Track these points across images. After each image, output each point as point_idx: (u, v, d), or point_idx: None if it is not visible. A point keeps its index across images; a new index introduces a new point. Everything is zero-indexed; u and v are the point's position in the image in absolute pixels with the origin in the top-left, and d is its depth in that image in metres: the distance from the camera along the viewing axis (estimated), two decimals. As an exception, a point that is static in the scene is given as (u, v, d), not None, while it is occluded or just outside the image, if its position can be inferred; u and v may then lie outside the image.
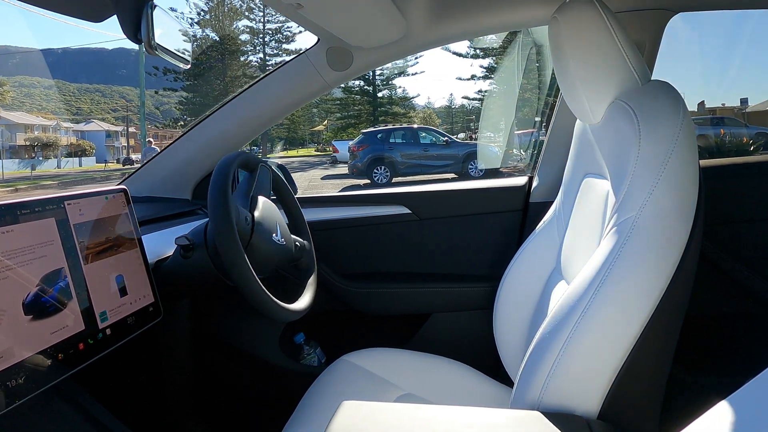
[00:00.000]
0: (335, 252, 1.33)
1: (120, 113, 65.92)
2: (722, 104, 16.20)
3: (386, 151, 10.84)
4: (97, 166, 30.74)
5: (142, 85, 23.51)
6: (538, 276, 0.97)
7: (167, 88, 26.49)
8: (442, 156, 11.05)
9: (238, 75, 25.48)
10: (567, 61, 0.77)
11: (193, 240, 0.84)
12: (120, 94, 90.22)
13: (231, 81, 25.17)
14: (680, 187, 0.63)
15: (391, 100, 26.50)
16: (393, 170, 10.76)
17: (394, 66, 26.18)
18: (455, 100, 43.95)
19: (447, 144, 11.42)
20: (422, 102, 40.82)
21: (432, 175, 10.88)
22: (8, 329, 0.55)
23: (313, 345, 1.29)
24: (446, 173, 10.99)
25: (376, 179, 10.65)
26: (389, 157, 10.78)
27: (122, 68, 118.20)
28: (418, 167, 10.91)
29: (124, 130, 45.45)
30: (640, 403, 0.67)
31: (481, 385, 0.98)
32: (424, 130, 12.08)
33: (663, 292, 0.61)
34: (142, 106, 23.88)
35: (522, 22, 1.18)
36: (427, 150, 11.11)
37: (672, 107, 0.66)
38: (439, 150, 11.17)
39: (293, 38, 26.98)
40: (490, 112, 13.27)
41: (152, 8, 0.78)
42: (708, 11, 1.16)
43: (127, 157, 32.59)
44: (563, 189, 0.97)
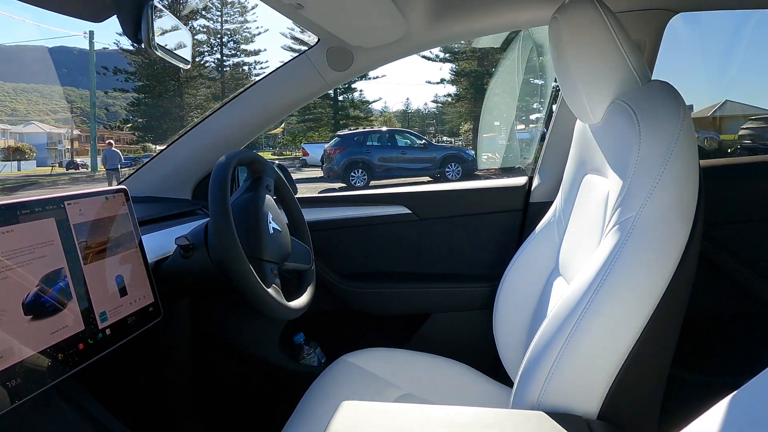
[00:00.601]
0: (335, 252, 1.33)
1: (61, 115, 62.84)
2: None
3: (363, 154, 10.59)
4: (38, 170, 27.41)
5: (92, 86, 22.66)
6: (538, 276, 0.97)
7: (118, 88, 25.24)
8: (419, 159, 10.92)
9: (194, 76, 24.52)
10: (567, 61, 0.77)
11: (193, 240, 0.84)
12: (60, 95, 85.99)
13: (186, 82, 24.24)
14: (680, 186, 0.63)
15: (352, 104, 25.84)
16: (370, 173, 10.53)
17: None
18: (411, 104, 43.49)
19: (424, 147, 11.30)
20: (379, 106, 40.64)
21: (409, 179, 10.69)
22: (8, 329, 0.55)
23: (313, 345, 1.29)
24: (424, 176, 10.88)
25: (353, 182, 10.40)
26: (366, 160, 10.55)
27: (63, 67, 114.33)
28: (395, 170, 10.73)
29: (68, 132, 43.61)
30: (640, 403, 0.67)
31: (481, 385, 0.98)
32: (402, 133, 11.91)
33: (663, 291, 0.61)
34: (93, 107, 23.03)
35: (522, 22, 1.18)
36: (404, 153, 10.92)
37: (672, 107, 0.66)
38: (416, 153, 11.02)
39: (252, 39, 26.41)
40: (451, 116, 13.34)
41: (152, 8, 0.78)
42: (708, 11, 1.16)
43: (71, 161, 29.49)
44: (563, 189, 0.97)
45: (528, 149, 12.60)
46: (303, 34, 25.72)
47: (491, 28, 1.20)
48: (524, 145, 13.31)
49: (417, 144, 11.34)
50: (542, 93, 14.65)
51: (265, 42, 41.83)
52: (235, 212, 0.80)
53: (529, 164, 8.24)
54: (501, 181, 1.37)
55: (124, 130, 27.23)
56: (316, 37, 1.14)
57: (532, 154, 12.13)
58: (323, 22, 0.99)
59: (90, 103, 23.66)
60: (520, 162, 11.62)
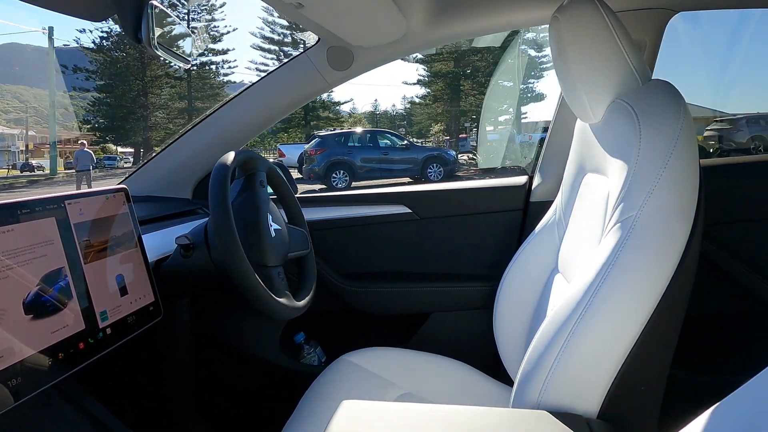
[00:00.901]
0: (335, 251, 1.33)
1: (14, 115, 59.83)
2: None
3: (345, 155, 10.35)
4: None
5: (51, 85, 21.16)
6: (538, 275, 0.97)
7: (77, 87, 24.24)
8: (401, 160, 10.73)
9: (159, 75, 23.55)
10: (567, 60, 0.77)
11: (193, 239, 0.85)
12: (12, 94, 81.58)
13: (151, 81, 23.27)
14: (680, 186, 0.63)
15: (323, 105, 25.37)
16: (352, 174, 10.31)
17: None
18: (380, 106, 42.80)
19: (406, 147, 11.10)
20: (348, 108, 40.51)
21: (391, 180, 10.50)
22: (9, 328, 0.55)
23: (313, 344, 1.29)
24: (406, 177, 10.73)
25: (334, 184, 10.17)
26: (348, 161, 10.32)
27: (15, 65, 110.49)
28: (377, 171, 10.51)
29: (21, 132, 41.71)
30: (640, 402, 0.67)
31: (481, 384, 0.98)
32: (383, 133, 11.69)
33: (663, 291, 0.61)
34: (53, 107, 21.93)
35: (522, 21, 1.18)
36: (386, 153, 10.70)
37: (672, 107, 0.66)
38: (398, 153, 10.81)
39: (220, 38, 25.60)
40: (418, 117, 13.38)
41: (153, 7, 0.78)
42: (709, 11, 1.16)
43: (26, 163, 28.50)
44: (563, 188, 0.97)
45: (501, 149, 12.67)
46: (273, 34, 25.60)
47: (491, 28, 1.20)
48: (495, 146, 13.48)
49: (399, 144, 11.14)
50: (512, 95, 14.59)
51: (233, 41, 40.99)
52: (235, 218, 0.80)
53: (510, 165, 8.14)
54: (501, 180, 1.37)
55: (82, 130, 25.96)
56: (316, 36, 1.14)
57: (510, 154, 12.20)
58: (323, 21, 0.99)
59: (50, 103, 22.01)
60: (502, 162, 11.83)
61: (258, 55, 24.45)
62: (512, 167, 10.51)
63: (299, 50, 12.32)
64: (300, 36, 25.48)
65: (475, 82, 21.63)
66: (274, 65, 29.62)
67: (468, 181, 1.44)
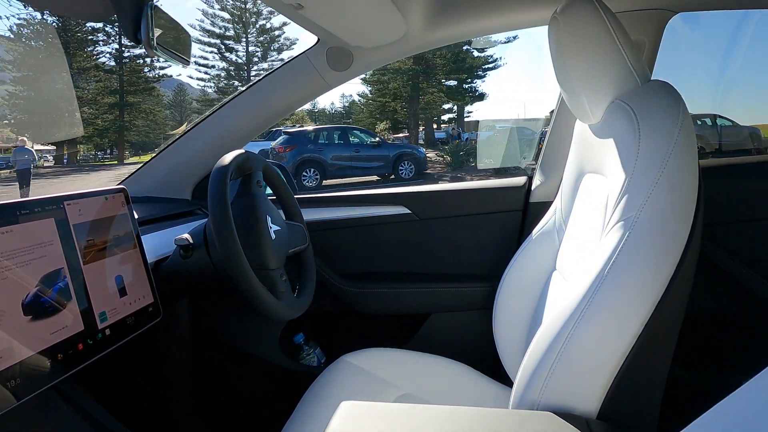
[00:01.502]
0: (335, 252, 1.33)
1: None
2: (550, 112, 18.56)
3: (315, 152, 9.98)
4: None
5: None
6: (538, 276, 0.97)
7: None
8: (372, 157, 10.46)
9: (88, 67, 21.74)
10: (567, 61, 0.77)
11: (192, 240, 0.84)
12: None
13: (78, 74, 21.50)
14: (680, 186, 0.63)
15: None
16: (323, 173, 10.01)
17: (271, 67, 23.23)
18: (318, 104, 41.21)
19: (378, 144, 10.83)
20: None
21: (362, 178, 10.43)
22: (8, 329, 0.55)
23: (313, 345, 1.29)
24: (377, 175, 10.59)
25: (304, 182, 9.83)
26: (319, 158, 9.96)
27: None
28: (348, 169, 10.26)
29: None
30: (640, 402, 0.67)
31: (481, 385, 0.98)
32: (353, 130, 11.40)
33: (662, 291, 0.61)
34: None
35: (522, 22, 1.18)
36: (357, 151, 10.43)
37: (671, 107, 0.66)
38: (369, 151, 10.52)
39: None
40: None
41: (152, 8, 0.78)
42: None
43: None
44: (563, 189, 0.97)
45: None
46: (214, 27, 24.37)
47: (491, 29, 1.20)
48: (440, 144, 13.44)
49: (370, 142, 10.87)
50: (456, 93, 14.56)
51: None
52: (235, 221, 0.80)
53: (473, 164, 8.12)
54: (501, 181, 1.37)
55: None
56: (316, 36, 1.14)
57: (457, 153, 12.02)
58: (323, 22, 0.99)
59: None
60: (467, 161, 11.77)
61: (197, 49, 24.39)
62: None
63: (242, 44, 11.73)
64: (248, 29, 24.61)
65: (426, 82, 20.71)
66: (215, 59, 24.44)
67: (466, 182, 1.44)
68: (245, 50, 25.48)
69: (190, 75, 28.67)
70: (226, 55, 25.51)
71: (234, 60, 25.72)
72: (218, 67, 25.71)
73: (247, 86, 1.23)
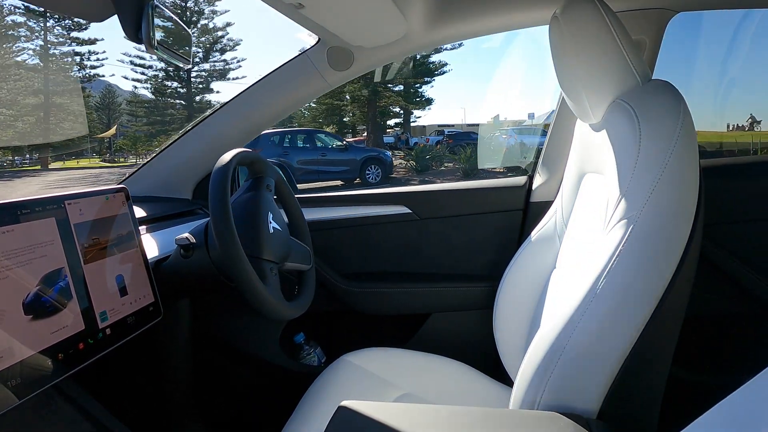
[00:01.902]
0: (335, 252, 1.33)
1: None
2: (505, 118, 18.75)
3: (282, 156, 9.62)
4: None
5: None
6: (538, 275, 0.97)
7: None
8: (339, 161, 10.22)
9: (7, 64, 19.59)
10: (567, 60, 0.77)
11: (193, 240, 0.84)
12: None
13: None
14: (680, 186, 0.63)
15: (210, 105, 22.76)
16: (288, 177, 9.53)
17: (213, 68, 23.19)
18: None
19: (344, 148, 10.58)
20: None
21: (329, 182, 10.18)
22: (8, 329, 0.55)
23: (313, 345, 1.29)
24: (342, 180, 10.32)
25: None
26: (285, 162, 9.53)
27: None
28: (315, 173, 9.99)
29: None
30: (640, 402, 0.67)
31: (481, 384, 0.98)
32: (319, 133, 11.23)
33: (663, 291, 0.61)
34: None
35: (522, 22, 1.18)
36: (324, 155, 10.18)
37: (672, 107, 0.66)
38: (336, 155, 10.27)
39: (86, 26, 21.74)
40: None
41: (153, 8, 0.78)
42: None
43: None
44: (563, 188, 0.97)
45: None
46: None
47: (491, 28, 1.20)
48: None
49: (336, 145, 10.63)
50: (411, 98, 14.51)
51: (102, 31, 35.09)
52: (235, 211, 0.80)
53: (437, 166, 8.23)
54: (501, 180, 1.37)
55: None
56: (317, 36, 1.14)
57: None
58: (324, 21, 0.99)
59: None
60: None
61: (130, 46, 22.31)
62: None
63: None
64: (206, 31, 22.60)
65: (384, 85, 19.90)
66: (152, 59, 22.41)
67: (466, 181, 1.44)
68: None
69: (125, 75, 26.79)
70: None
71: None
72: (156, 67, 23.28)
73: (248, 86, 1.23)
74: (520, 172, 1.39)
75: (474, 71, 47.50)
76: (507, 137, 14.30)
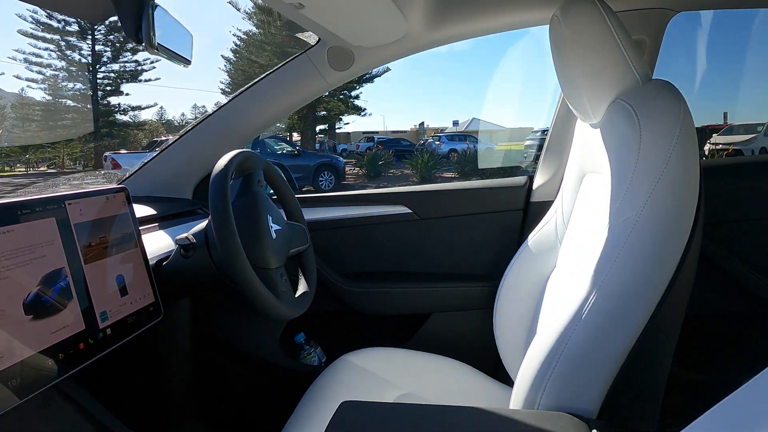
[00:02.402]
0: (335, 251, 1.33)
1: None
2: (428, 126, 19.46)
3: None
4: None
5: None
6: (539, 275, 0.97)
7: None
8: (292, 167, 9.68)
9: None
10: (568, 60, 0.77)
11: (193, 240, 0.85)
12: None
13: None
14: (681, 186, 0.63)
15: (119, 109, 20.96)
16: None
17: (123, 69, 20.90)
18: (165, 113, 34.24)
19: (297, 154, 10.49)
20: (150, 114, 33.98)
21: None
22: (9, 329, 0.55)
23: (313, 345, 1.29)
24: (297, 186, 9.93)
25: None
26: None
27: None
28: None
29: None
30: (640, 402, 0.68)
31: (481, 384, 0.98)
32: (272, 139, 11.02)
33: (663, 291, 0.61)
34: None
35: (523, 22, 1.18)
36: (277, 161, 9.92)
37: (673, 107, 0.66)
38: (289, 161, 9.98)
39: None
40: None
41: (153, 8, 0.78)
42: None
43: None
44: (564, 188, 0.97)
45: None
46: (51, 20, 19.57)
47: (492, 28, 1.20)
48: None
49: (288, 151, 10.51)
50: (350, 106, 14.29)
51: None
52: (236, 221, 0.80)
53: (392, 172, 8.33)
54: (501, 180, 1.37)
55: None
56: (317, 36, 1.14)
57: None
58: (324, 21, 0.99)
59: None
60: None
61: (27, 45, 21.21)
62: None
63: (87, 42, 10.28)
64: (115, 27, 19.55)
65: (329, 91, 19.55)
66: (50, 57, 19.86)
67: (466, 181, 1.44)
68: (91, 49, 20.31)
69: (18, 75, 23.43)
70: (68, 53, 20.46)
71: (78, 60, 20.58)
72: (56, 66, 20.65)
73: (248, 86, 1.23)
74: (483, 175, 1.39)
75: (393, 78, 47.26)
76: (440, 143, 15.00)
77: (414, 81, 32.47)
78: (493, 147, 14.51)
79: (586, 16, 0.74)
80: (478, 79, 18.64)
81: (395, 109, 51.05)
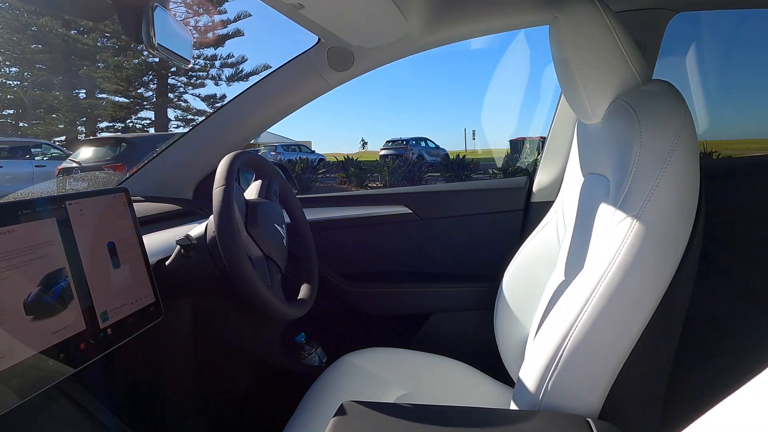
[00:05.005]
0: (336, 252, 1.33)
1: None
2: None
3: None
4: None
5: None
6: (539, 276, 0.97)
7: None
8: None
9: None
10: (568, 61, 0.77)
11: (194, 240, 0.85)
12: None
13: None
14: (681, 186, 0.63)
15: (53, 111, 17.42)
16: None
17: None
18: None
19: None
20: None
21: None
22: (9, 329, 0.55)
23: (314, 345, 1.29)
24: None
25: None
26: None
27: None
28: None
29: None
30: (641, 402, 0.68)
31: (482, 384, 0.98)
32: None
33: (664, 291, 0.61)
34: None
35: (523, 22, 1.18)
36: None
37: (673, 107, 0.66)
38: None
39: None
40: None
41: (153, 8, 0.78)
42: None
43: None
44: (564, 189, 0.97)
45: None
46: None
47: (492, 29, 1.20)
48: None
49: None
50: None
51: None
52: (258, 212, 0.82)
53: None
54: (502, 181, 1.37)
55: None
56: (317, 36, 1.14)
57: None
58: (324, 22, 0.99)
59: None
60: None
61: None
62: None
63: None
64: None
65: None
66: None
67: (467, 182, 1.44)
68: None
69: None
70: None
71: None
72: None
73: (249, 86, 1.23)
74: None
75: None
76: (276, 154, 14.82)
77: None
78: (323, 157, 15.53)
79: (586, 16, 0.74)
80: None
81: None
